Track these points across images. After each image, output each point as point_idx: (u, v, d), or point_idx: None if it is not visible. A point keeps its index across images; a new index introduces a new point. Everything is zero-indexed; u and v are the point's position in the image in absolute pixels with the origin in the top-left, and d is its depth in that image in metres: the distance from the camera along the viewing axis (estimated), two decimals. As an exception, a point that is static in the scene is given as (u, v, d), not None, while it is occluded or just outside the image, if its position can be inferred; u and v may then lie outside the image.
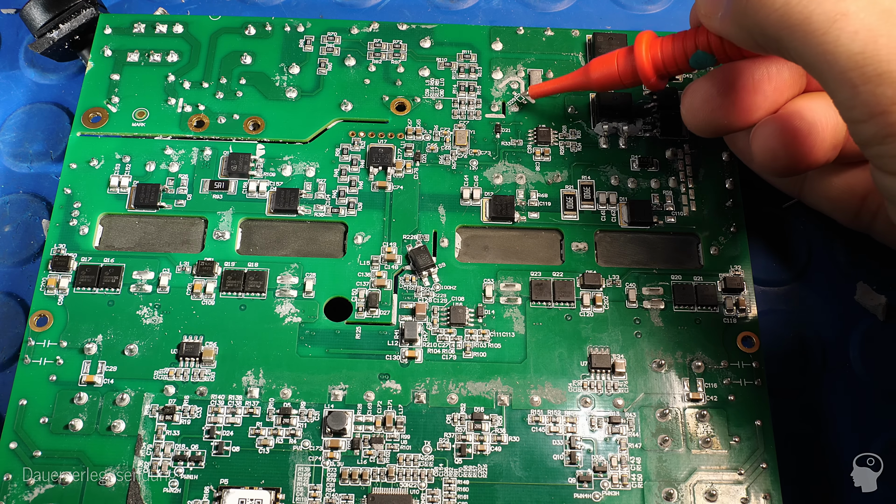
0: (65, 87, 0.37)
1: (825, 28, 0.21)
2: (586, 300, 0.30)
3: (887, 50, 0.20)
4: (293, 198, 0.31)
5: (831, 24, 0.21)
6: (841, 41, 0.20)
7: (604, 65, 0.30)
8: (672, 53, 0.28)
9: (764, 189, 0.33)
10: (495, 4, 0.38)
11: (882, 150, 0.21)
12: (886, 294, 0.31)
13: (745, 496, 0.27)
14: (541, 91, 0.32)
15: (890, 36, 0.20)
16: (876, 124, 0.21)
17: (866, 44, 0.20)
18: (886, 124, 0.20)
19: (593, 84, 0.30)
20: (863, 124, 0.21)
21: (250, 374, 0.29)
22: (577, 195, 0.31)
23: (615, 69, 0.29)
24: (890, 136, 0.20)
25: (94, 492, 0.27)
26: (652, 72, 0.28)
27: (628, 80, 0.29)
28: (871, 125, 0.21)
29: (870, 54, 0.20)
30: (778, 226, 0.33)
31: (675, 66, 0.28)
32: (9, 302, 0.32)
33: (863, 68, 0.20)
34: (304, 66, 0.34)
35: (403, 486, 0.27)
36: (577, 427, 0.28)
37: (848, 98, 0.21)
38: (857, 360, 0.31)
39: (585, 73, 0.30)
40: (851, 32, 0.20)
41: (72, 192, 0.31)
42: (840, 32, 0.20)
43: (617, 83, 0.30)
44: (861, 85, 0.20)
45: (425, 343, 0.29)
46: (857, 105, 0.21)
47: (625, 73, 0.29)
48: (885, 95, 0.20)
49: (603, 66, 0.30)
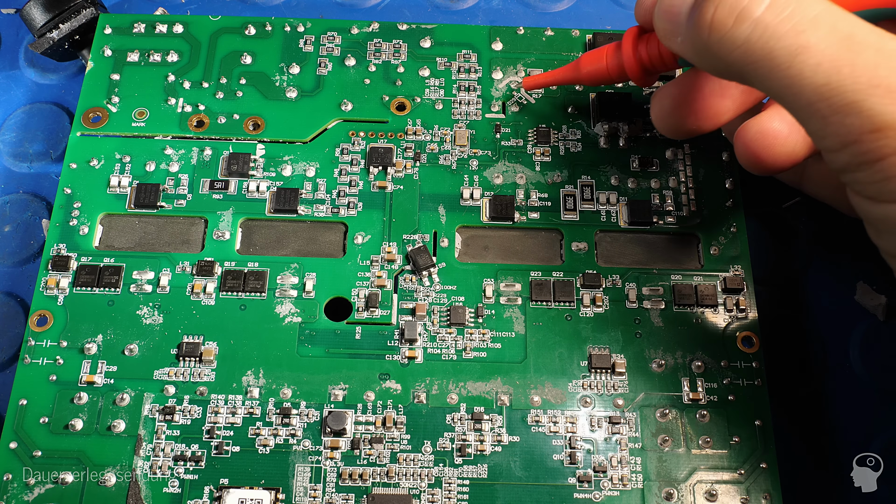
0: (65, 87, 0.37)
1: (788, 62, 0.20)
2: (586, 300, 0.30)
3: (851, 80, 0.20)
4: (293, 198, 0.31)
5: (794, 57, 0.20)
6: (805, 74, 0.20)
7: (594, 59, 0.30)
8: (658, 51, 0.28)
9: (764, 189, 0.33)
10: (495, 4, 0.38)
11: (857, 176, 0.21)
12: (886, 294, 0.31)
13: (745, 496, 0.27)
14: (534, 83, 0.32)
15: (853, 65, 0.20)
16: (849, 153, 0.20)
17: (829, 75, 0.20)
18: (859, 153, 0.20)
19: (583, 78, 0.30)
20: (836, 153, 0.21)
21: (250, 374, 0.29)
22: (577, 195, 0.31)
23: (604, 64, 0.29)
24: (864, 164, 0.20)
25: (94, 492, 0.27)
26: (637, 68, 0.28)
27: (616, 76, 0.29)
28: (844, 154, 0.21)
29: (834, 86, 0.20)
30: (778, 226, 0.33)
31: (661, 64, 0.28)
32: (9, 302, 0.32)
33: (829, 100, 0.20)
34: (304, 66, 0.34)
35: (403, 486, 0.27)
36: (577, 427, 0.28)
37: (819, 129, 0.21)
38: (857, 360, 0.31)
39: (576, 67, 0.30)
40: (814, 65, 0.20)
41: (72, 191, 0.31)
42: (803, 66, 0.20)
43: (606, 78, 0.30)
44: (830, 116, 0.20)
45: (425, 343, 0.29)
46: (828, 135, 0.21)
47: (613, 69, 0.29)
48: (854, 125, 0.20)
49: (593, 61, 0.30)
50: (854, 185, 0.22)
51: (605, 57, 0.29)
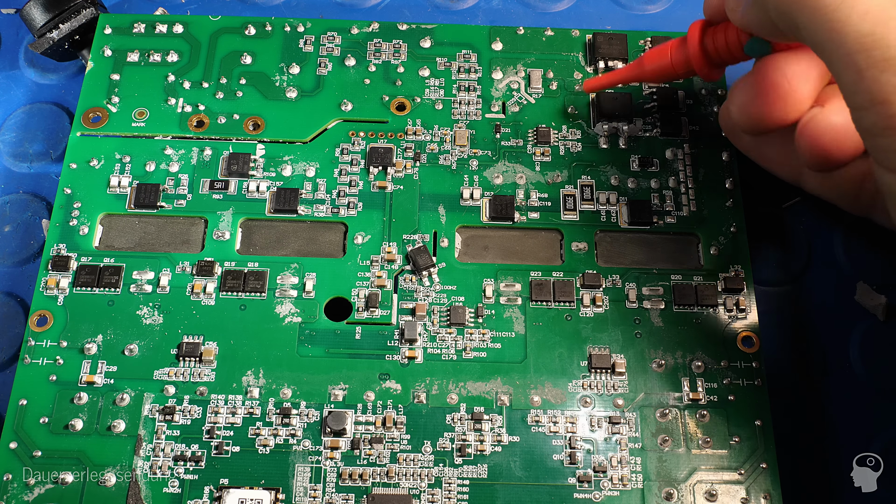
0: (65, 87, 0.37)
1: (836, 5, 0.20)
2: (586, 300, 0.30)
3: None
4: (293, 198, 0.31)
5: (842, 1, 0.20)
6: (850, 20, 0.20)
7: (657, 56, 0.30)
8: (725, 42, 0.27)
9: (764, 189, 0.33)
10: (495, 4, 0.38)
11: (881, 142, 0.21)
12: (886, 294, 0.31)
13: (745, 496, 0.27)
14: (596, 85, 0.32)
15: None
16: (876, 113, 0.20)
17: (875, 25, 0.19)
18: (886, 115, 0.20)
19: (647, 76, 0.30)
20: (864, 112, 0.20)
21: (250, 374, 0.29)
22: (577, 195, 0.31)
23: (668, 60, 0.29)
24: (889, 129, 0.20)
25: (94, 492, 0.27)
26: (704, 62, 0.28)
27: (681, 71, 0.29)
28: (871, 113, 0.20)
29: (879, 37, 0.19)
30: (778, 226, 0.33)
31: (729, 55, 0.28)
32: (9, 302, 0.32)
33: (870, 52, 0.20)
34: (304, 66, 0.34)
35: (403, 486, 0.27)
36: (577, 427, 0.28)
37: (852, 82, 0.20)
38: (857, 360, 0.31)
39: (639, 65, 0.30)
40: (861, 12, 0.20)
41: (72, 192, 0.31)
42: (850, 11, 0.20)
43: (671, 74, 0.30)
44: (866, 70, 0.20)
45: (425, 343, 0.29)
46: (860, 91, 0.20)
47: (678, 64, 0.29)
48: (889, 83, 0.19)
49: (657, 58, 0.30)
50: (877, 153, 0.21)
51: (669, 52, 0.29)
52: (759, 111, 0.27)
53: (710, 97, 0.33)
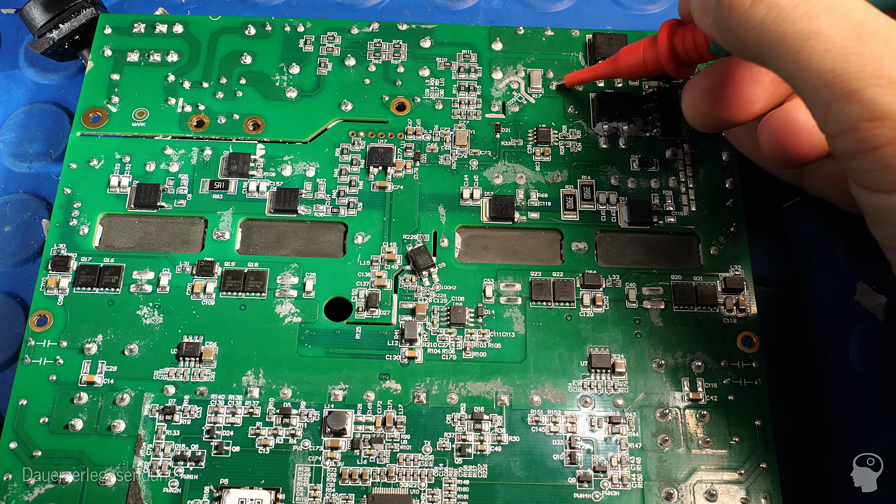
0: (65, 87, 0.37)
1: (798, 46, 0.21)
2: (586, 300, 0.30)
3: (856, 68, 0.20)
4: (293, 198, 0.31)
5: (804, 42, 0.21)
6: (812, 59, 0.21)
7: (631, 53, 0.30)
8: (693, 41, 0.28)
9: (764, 189, 0.33)
10: (495, 4, 0.38)
11: (854, 164, 0.21)
12: (886, 294, 0.31)
13: (745, 496, 0.27)
14: (576, 79, 0.33)
15: (860, 53, 0.20)
16: (847, 140, 0.21)
17: (836, 62, 0.20)
18: (856, 140, 0.21)
19: (622, 72, 0.31)
20: (836, 139, 0.21)
21: (250, 374, 0.29)
22: (577, 195, 0.31)
23: (640, 57, 0.30)
24: (860, 153, 0.21)
25: (94, 492, 0.27)
26: (670, 60, 0.29)
27: (653, 68, 0.30)
28: (843, 140, 0.21)
29: (840, 72, 0.20)
30: (778, 226, 0.33)
31: (696, 54, 0.28)
32: (9, 302, 0.32)
33: (833, 86, 0.20)
34: (304, 66, 0.34)
35: (403, 486, 0.27)
36: (577, 427, 0.28)
37: (822, 114, 0.21)
38: (857, 360, 0.31)
39: (615, 60, 0.31)
40: (822, 51, 0.21)
41: (72, 192, 0.31)
42: (812, 51, 0.21)
43: (643, 71, 0.30)
44: (832, 102, 0.21)
45: (425, 343, 0.29)
46: (829, 121, 0.21)
47: (649, 62, 0.30)
48: (854, 112, 0.20)
49: (630, 55, 0.30)
50: (852, 174, 0.22)
51: (641, 50, 0.30)
52: (707, 111, 0.28)
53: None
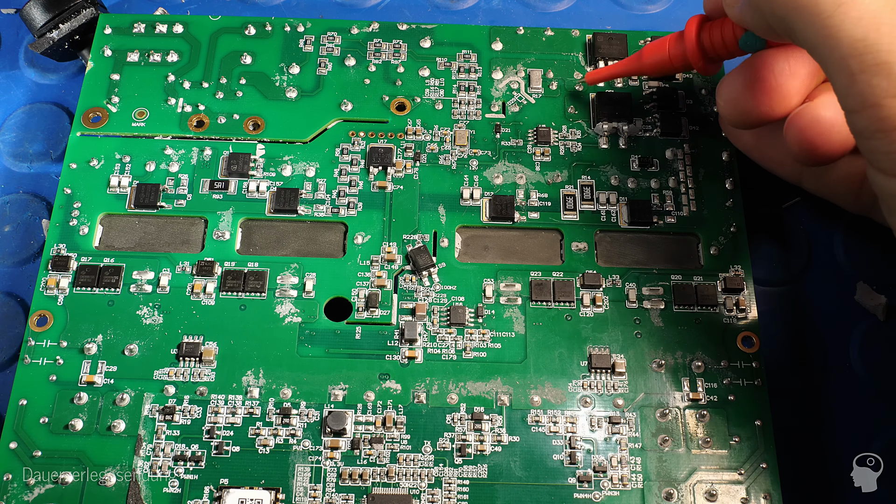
0: (65, 87, 0.37)
1: (830, 11, 0.20)
2: (586, 300, 0.30)
3: (889, 39, 0.20)
4: (293, 198, 0.31)
5: (836, 7, 0.20)
6: (844, 26, 0.20)
7: (656, 50, 0.30)
8: (721, 37, 0.28)
9: (764, 189, 0.33)
10: (495, 4, 0.38)
11: (872, 144, 0.21)
12: (886, 294, 0.31)
13: (745, 496, 0.27)
14: (596, 77, 0.33)
15: (893, 24, 0.20)
16: (867, 116, 0.20)
17: (868, 31, 0.20)
18: (877, 118, 0.20)
19: (646, 69, 0.31)
20: (856, 114, 0.21)
21: (250, 374, 0.29)
22: (577, 195, 0.31)
23: (666, 54, 0.30)
24: (880, 132, 0.20)
25: (94, 492, 0.27)
26: (698, 55, 0.28)
27: (679, 65, 0.29)
28: (862, 116, 0.21)
29: (871, 42, 0.20)
30: (778, 226, 0.33)
31: (724, 50, 0.28)
32: (9, 302, 0.32)
33: (862, 56, 0.20)
34: (304, 66, 0.34)
35: (403, 486, 0.27)
36: (577, 427, 0.28)
37: (844, 86, 0.21)
38: (857, 360, 0.31)
39: (638, 58, 0.31)
40: (855, 18, 0.20)
41: (72, 192, 0.31)
42: (844, 17, 0.20)
43: (668, 67, 0.30)
44: (858, 73, 0.20)
45: (425, 343, 0.29)
46: (851, 94, 0.21)
47: (675, 58, 0.29)
48: (880, 87, 0.20)
49: (655, 52, 0.30)
50: (870, 155, 0.22)
51: (667, 46, 0.30)
52: (745, 105, 0.27)
53: (710, 97, 0.33)
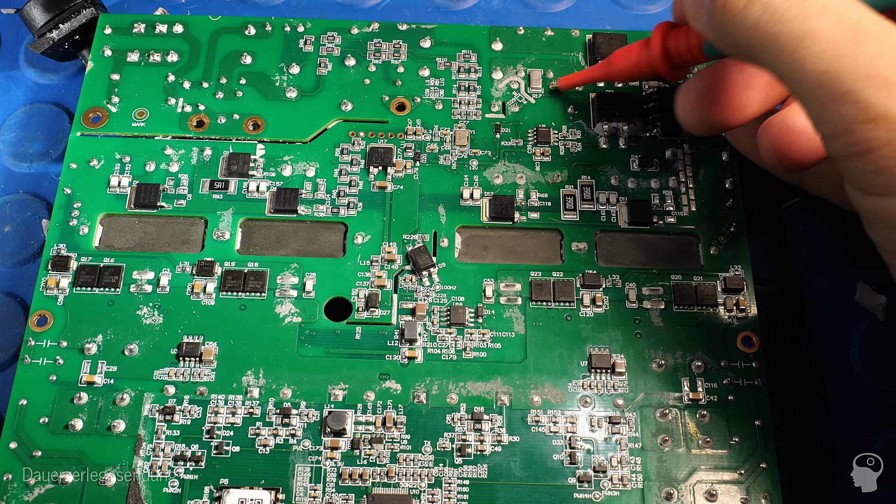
0: (65, 87, 0.37)
1: (793, 47, 0.21)
2: (586, 300, 0.30)
3: (851, 69, 0.20)
4: (293, 198, 0.31)
5: (798, 42, 0.21)
6: (808, 60, 0.21)
7: (624, 56, 0.30)
8: (686, 43, 0.28)
9: (764, 189, 0.33)
10: (495, 4, 0.38)
11: (849, 166, 0.21)
12: (886, 294, 0.31)
13: (745, 496, 0.27)
14: (569, 82, 0.33)
15: (854, 54, 0.20)
16: (841, 142, 0.21)
17: (831, 63, 0.20)
18: (851, 142, 0.21)
19: (615, 74, 0.31)
20: (831, 140, 0.21)
21: (250, 374, 0.29)
22: (577, 195, 0.31)
23: (634, 60, 0.30)
24: (855, 155, 0.21)
25: (94, 492, 0.27)
26: (664, 62, 0.29)
27: (646, 71, 0.30)
28: (837, 142, 0.21)
29: (835, 73, 0.20)
30: (778, 226, 0.33)
31: (689, 56, 0.28)
32: (9, 302, 0.32)
33: (828, 87, 0.20)
34: (304, 66, 0.34)
35: (403, 486, 0.27)
36: (577, 427, 0.28)
37: (816, 115, 0.21)
38: (857, 360, 0.31)
39: (608, 63, 0.31)
40: (817, 52, 0.20)
41: (72, 192, 0.31)
42: (807, 51, 0.21)
43: (636, 73, 0.30)
44: (827, 103, 0.21)
45: (425, 343, 0.29)
46: (824, 122, 0.21)
47: (642, 64, 0.29)
48: (849, 114, 0.20)
49: (623, 58, 0.30)
50: (848, 176, 0.22)
51: (634, 52, 0.30)
52: (700, 114, 0.28)
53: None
